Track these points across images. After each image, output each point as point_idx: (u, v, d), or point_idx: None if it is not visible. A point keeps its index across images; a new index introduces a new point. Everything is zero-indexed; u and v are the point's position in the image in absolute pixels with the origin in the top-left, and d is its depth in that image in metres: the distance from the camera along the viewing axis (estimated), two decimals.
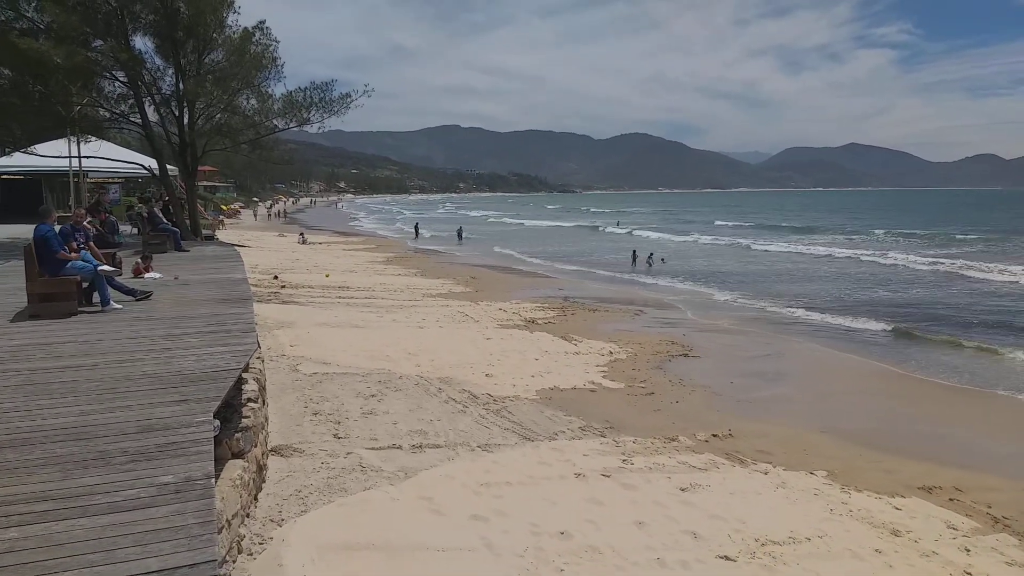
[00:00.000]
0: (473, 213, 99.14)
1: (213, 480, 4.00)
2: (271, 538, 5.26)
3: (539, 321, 15.79)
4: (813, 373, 12.31)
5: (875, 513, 6.47)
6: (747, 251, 40.55)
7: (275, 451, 7.05)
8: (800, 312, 18.50)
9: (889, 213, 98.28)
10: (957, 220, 73.79)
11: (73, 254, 9.42)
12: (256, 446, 5.94)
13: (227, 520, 4.59)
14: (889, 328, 16.25)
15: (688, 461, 7.56)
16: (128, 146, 34.44)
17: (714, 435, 8.50)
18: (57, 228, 9.61)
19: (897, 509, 6.62)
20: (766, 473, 7.37)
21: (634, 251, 33.85)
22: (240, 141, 23.58)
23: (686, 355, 12.95)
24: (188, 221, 22.32)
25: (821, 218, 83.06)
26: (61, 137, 22.48)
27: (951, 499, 6.94)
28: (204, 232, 24.37)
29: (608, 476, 6.95)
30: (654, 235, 52.79)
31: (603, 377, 11.11)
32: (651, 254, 32.87)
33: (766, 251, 39.80)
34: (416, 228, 52.81)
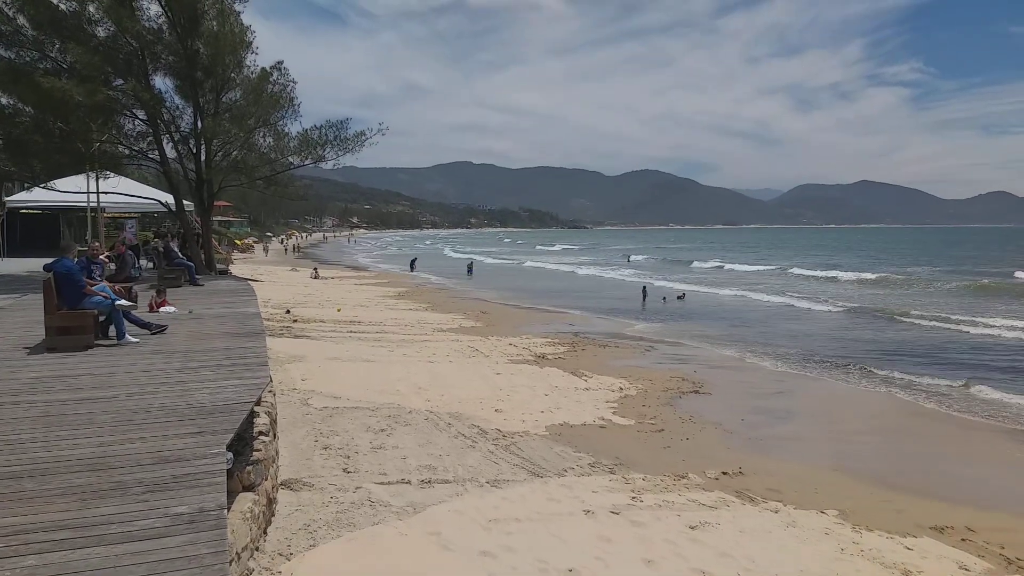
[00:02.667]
0: (447, 251, 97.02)
1: (226, 511, 4.06)
2: (280, 572, 5.28)
3: (549, 356, 15.82)
4: (824, 411, 12.25)
5: (886, 553, 6.42)
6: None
7: (285, 485, 7.09)
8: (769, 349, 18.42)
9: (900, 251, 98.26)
10: (967, 259, 73.21)
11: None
12: (267, 479, 5.99)
13: (237, 553, 4.63)
14: (902, 368, 16.15)
15: (698, 499, 7.53)
16: (145, 181, 35.01)
17: (724, 473, 8.48)
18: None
19: (909, 549, 6.57)
20: (776, 512, 7.34)
21: (644, 287, 33.78)
22: (256, 177, 23.94)
23: (697, 391, 12.93)
24: (203, 256, 22.59)
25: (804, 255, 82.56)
26: (80, 173, 22.94)
27: (963, 539, 6.88)
28: (218, 266, 24.64)
29: (617, 513, 6.94)
30: (590, 271, 54.09)
31: (613, 413, 11.11)
32: (664, 297, 32.90)
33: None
34: (412, 264, 52.75)
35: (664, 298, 31.49)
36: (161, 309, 11.98)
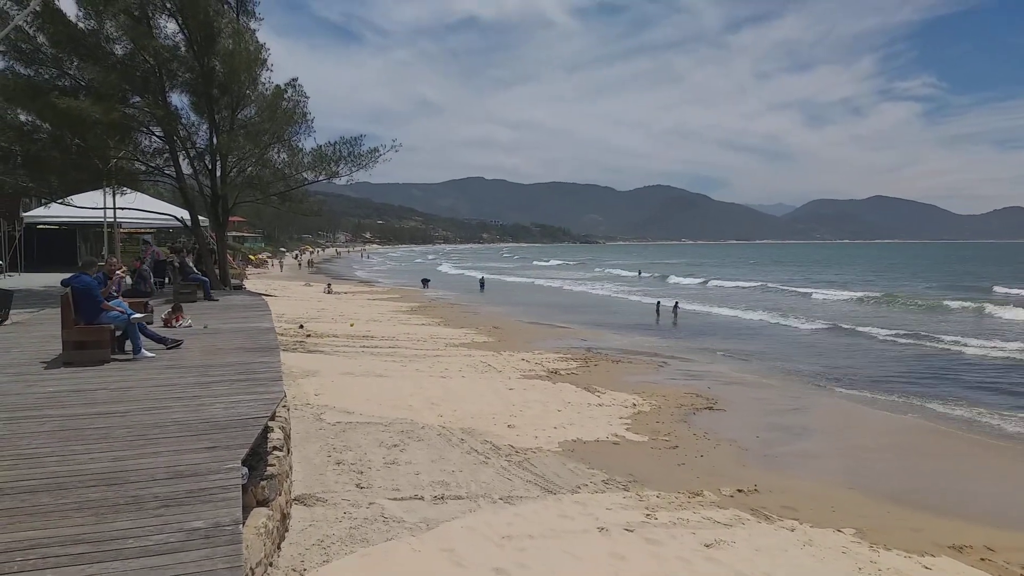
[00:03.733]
0: (443, 267, 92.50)
1: (241, 526, 4.07)
2: None
3: (562, 372, 15.79)
4: (840, 428, 12.14)
5: (904, 572, 6.35)
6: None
7: (298, 500, 7.09)
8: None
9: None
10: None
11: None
12: (280, 494, 6.00)
13: (251, 568, 4.62)
14: (916, 386, 16.03)
15: (713, 516, 7.48)
16: (161, 197, 35.39)
17: (739, 490, 8.41)
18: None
19: (927, 568, 6.49)
20: (792, 530, 7.27)
21: (658, 303, 33.65)
22: (270, 193, 24.12)
23: (711, 408, 12.86)
24: (218, 271, 22.74)
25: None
26: (97, 189, 23.18)
27: (983, 559, 6.79)
28: (232, 282, 24.79)
29: (631, 531, 6.90)
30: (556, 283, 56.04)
31: (627, 430, 11.05)
32: (676, 303, 32.82)
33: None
34: (425, 282, 52.07)
35: (676, 311, 31.41)
36: (176, 324, 12.07)
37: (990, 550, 6.98)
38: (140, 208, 24.74)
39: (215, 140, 22.03)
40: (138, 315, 9.86)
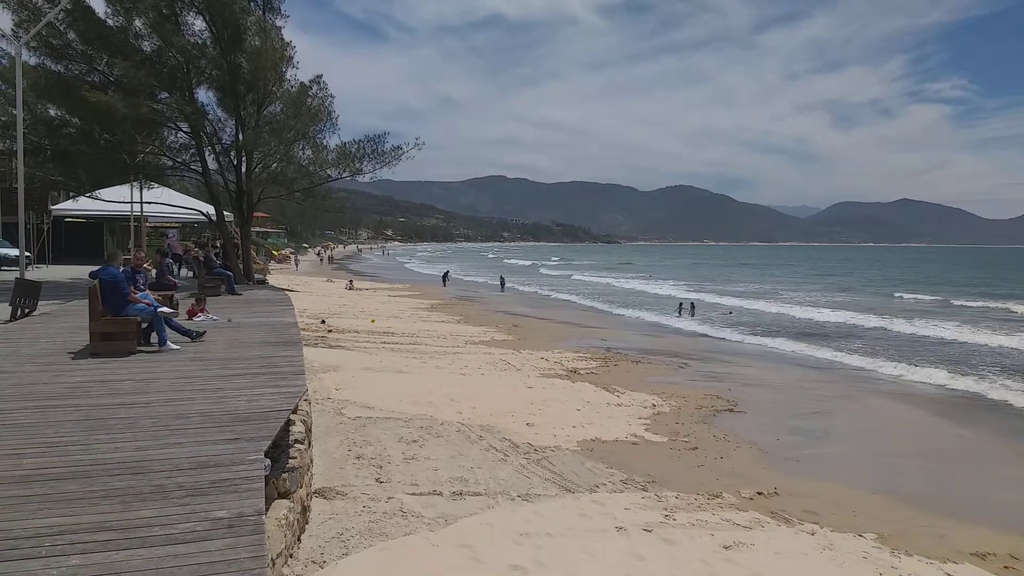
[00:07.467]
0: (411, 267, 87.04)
1: (264, 516, 4.11)
2: None
3: (581, 371, 15.77)
4: (864, 432, 12.02)
5: None
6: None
7: (319, 493, 7.15)
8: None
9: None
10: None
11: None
12: (301, 487, 6.06)
13: (272, 559, 4.67)
14: (943, 388, 15.83)
15: (732, 518, 7.43)
16: (187, 192, 35.84)
17: (759, 493, 8.35)
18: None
19: (949, 575, 6.41)
20: (813, 534, 7.20)
21: (680, 304, 33.59)
22: (294, 189, 24.34)
23: (731, 410, 12.78)
24: (241, 266, 22.97)
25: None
26: (124, 183, 23.52)
27: (1006, 567, 6.69)
28: (256, 276, 25.03)
29: (650, 531, 6.88)
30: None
31: (646, 430, 11.02)
32: (692, 304, 33.02)
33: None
34: (444, 278, 50.60)
35: (693, 311, 31.51)
36: (199, 317, 12.21)
37: (1014, 558, 6.87)
38: (166, 202, 25.09)
39: (240, 136, 22.30)
40: (166, 309, 9.99)
